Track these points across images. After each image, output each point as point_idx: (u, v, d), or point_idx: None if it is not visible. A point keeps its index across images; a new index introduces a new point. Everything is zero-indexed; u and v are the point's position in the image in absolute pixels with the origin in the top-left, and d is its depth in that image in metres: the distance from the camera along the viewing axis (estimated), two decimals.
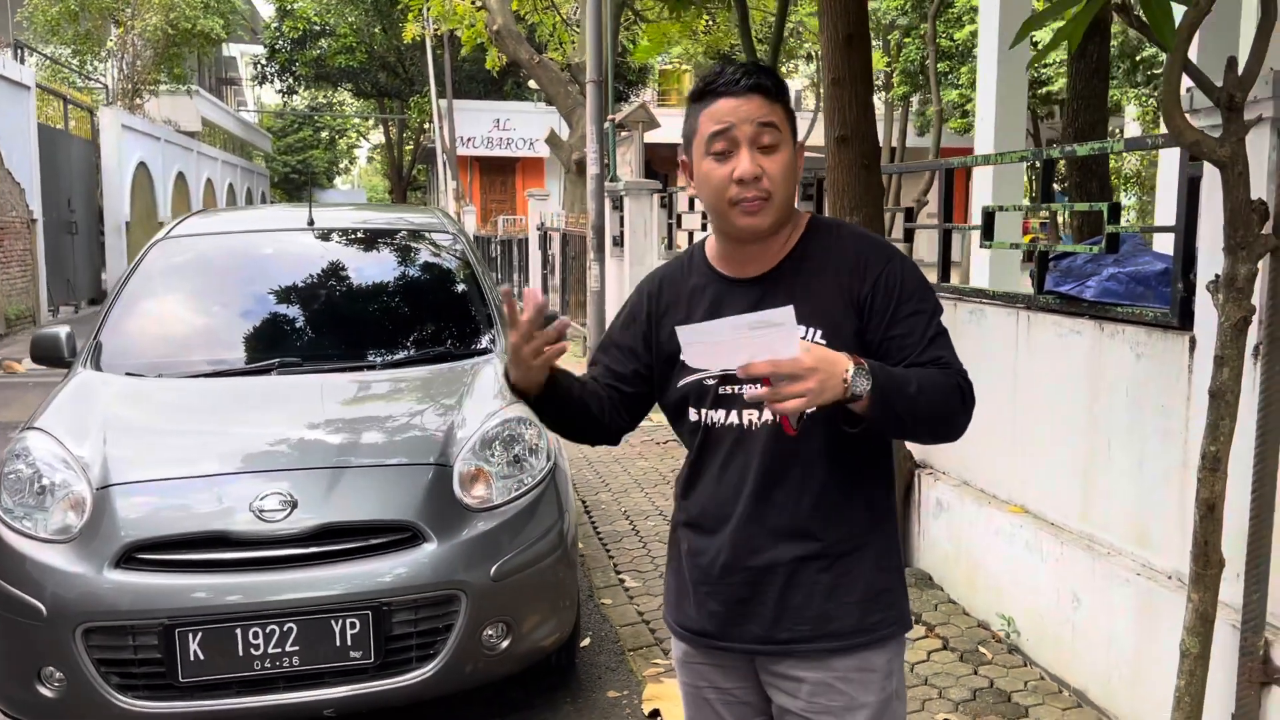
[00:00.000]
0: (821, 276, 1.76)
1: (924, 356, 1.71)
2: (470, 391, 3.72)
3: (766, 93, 1.70)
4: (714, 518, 1.82)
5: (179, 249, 4.42)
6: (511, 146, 27.91)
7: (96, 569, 2.98)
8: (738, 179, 1.68)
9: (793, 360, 1.51)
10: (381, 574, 3.07)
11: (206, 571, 3.01)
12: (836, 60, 4.32)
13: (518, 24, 14.17)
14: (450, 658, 3.14)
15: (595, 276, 9.11)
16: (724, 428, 1.79)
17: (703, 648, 1.90)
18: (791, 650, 1.79)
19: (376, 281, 4.45)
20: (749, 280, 1.80)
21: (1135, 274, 3.30)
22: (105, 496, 3.11)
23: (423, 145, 34.72)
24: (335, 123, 49.88)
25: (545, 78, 13.75)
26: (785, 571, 1.77)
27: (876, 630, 1.80)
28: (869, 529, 1.81)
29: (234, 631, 2.97)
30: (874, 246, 1.80)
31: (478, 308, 4.34)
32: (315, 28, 30.59)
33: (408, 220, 4.85)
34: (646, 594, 4.58)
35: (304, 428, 3.48)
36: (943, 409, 1.68)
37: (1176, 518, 3.08)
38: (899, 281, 1.75)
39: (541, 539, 3.37)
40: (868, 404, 1.58)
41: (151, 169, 23.64)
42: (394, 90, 33.49)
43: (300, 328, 4.14)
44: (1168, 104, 2.43)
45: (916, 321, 1.73)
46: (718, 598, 1.82)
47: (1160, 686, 3.08)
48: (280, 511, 3.07)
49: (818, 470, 1.75)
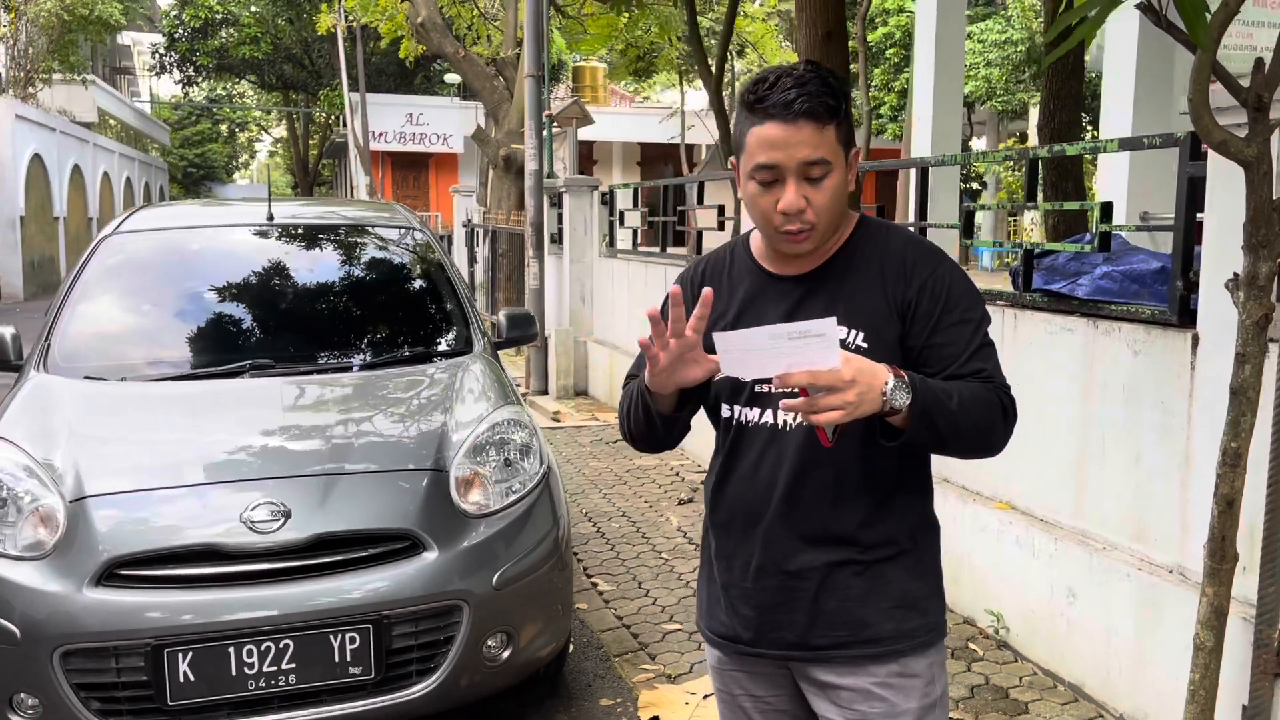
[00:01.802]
0: (866, 279, 1.72)
1: (966, 368, 1.67)
2: (457, 393, 3.59)
3: (819, 118, 1.62)
4: (744, 519, 1.78)
5: (131, 244, 4.17)
6: (425, 141, 27.45)
7: (75, 587, 2.78)
8: (782, 211, 1.63)
9: (832, 372, 1.47)
10: (381, 585, 2.94)
11: (196, 587, 2.84)
12: (816, 57, 4.30)
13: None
14: (451, 671, 3.02)
15: (534, 274, 8.98)
16: (757, 426, 1.75)
17: (736, 654, 1.85)
18: (828, 657, 1.75)
19: (345, 279, 4.27)
20: (791, 278, 1.76)
21: (1130, 272, 3.35)
22: (80, 510, 2.90)
23: (331, 140, 33.92)
24: (235, 115, 48.47)
25: (471, 72, 13.52)
26: (819, 576, 1.73)
27: (915, 636, 1.76)
28: (906, 536, 1.77)
29: (226, 650, 2.80)
30: (922, 250, 1.76)
31: (452, 305, 4.20)
32: (217, 16, 29.65)
33: (371, 216, 4.67)
34: (622, 598, 4.51)
35: (289, 433, 3.31)
36: (983, 425, 1.65)
37: (1177, 513, 3.13)
38: (945, 288, 1.70)
39: (540, 544, 3.27)
40: (906, 417, 1.55)
41: (46, 161, 22.60)
42: (300, 83, 32.67)
43: (269, 328, 3.94)
44: (1197, 103, 2.45)
45: (961, 331, 1.69)
46: (750, 602, 1.78)
47: (1163, 679, 3.13)
48: (273, 522, 2.91)
49: (853, 476, 1.71)
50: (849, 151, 1.69)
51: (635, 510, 5.74)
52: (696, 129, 20.42)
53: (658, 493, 6.10)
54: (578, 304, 9.19)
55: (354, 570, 2.94)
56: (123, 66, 43.42)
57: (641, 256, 8.34)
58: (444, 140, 27.46)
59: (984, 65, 19.11)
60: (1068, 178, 4.24)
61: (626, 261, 8.45)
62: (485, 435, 3.34)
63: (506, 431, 3.40)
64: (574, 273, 9.23)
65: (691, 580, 4.67)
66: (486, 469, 3.27)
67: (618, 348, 8.55)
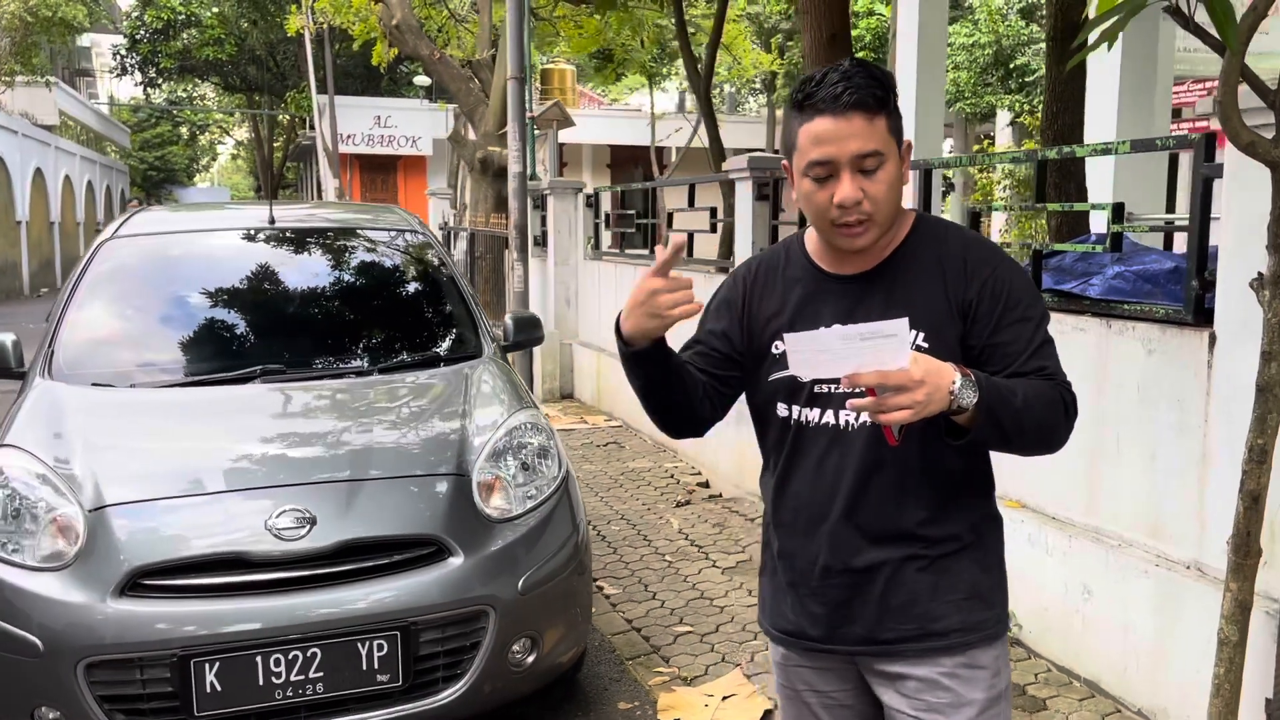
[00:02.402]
0: (925, 278, 1.73)
1: (1028, 366, 1.68)
2: (474, 397, 3.57)
3: (868, 109, 1.62)
4: (809, 519, 1.79)
5: (131, 249, 4.11)
6: (393, 144, 27.24)
7: (98, 598, 2.74)
8: (838, 204, 1.64)
9: (902, 372, 1.48)
10: (408, 591, 2.91)
11: (221, 596, 2.80)
12: (820, 59, 4.33)
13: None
14: (477, 677, 3.01)
15: (519, 277, 8.94)
16: (818, 427, 1.76)
17: (803, 650, 1.87)
18: (896, 650, 1.76)
19: (352, 283, 4.23)
20: (848, 278, 1.76)
21: (1143, 272, 3.39)
22: (101, 519, 2.85)
23: (297, 142, 33.61)
24: (197, 118, 47.85)
25: (446, 74, 13.44)
26: (886, 573, 1.74)
27: (982, 628, 1.78)
28: (970, 531, 1.79)
29: (254, 660, 2.77)
30: (982, 249, 1.77)
31: (460, 309, 4.17)
32: (180, 18, 29.27)
33: (374, 219, 4.63)
34: (629, 600, 4.50)
35: (309, 439, 3.28)
36: (1046, 422, 1.66)
37: (1194, 509, 3.17)
38: (1006, 286, 1.71)
39: (562, 548, 3.26)
40: (972, 416, 1.56)
41: (9, 165, 22.21)
42: (264, 85, 32.33)
43: (278, 333, 3.90)
44: (1225, 105, 2.48)
45: (1022, 329, 1.70)
46: (819, 600, 1.80)
47: (1182, 674, 3.17)
48: (298, 529, 2.87)
49: (917, 474, 1.73)
50: (900, 143, 1.69)
51: (634, 513, 5.73)
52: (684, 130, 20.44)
53: (654, 495, 6.09)
54: (563, 307, 9.16)
55: (380, 577, 2.92)
56: (83, 68, 42.76)
57: (627, 258, 8.34)
58: (413, 143, 27.28)
59: (951, 68, 19.29)
60: (1070, 179, 4.30)
61: (613, 264, 8.44)
62: (505, 439, 3.32)
63: (525, 435, 3.39)
64: (559, 275, 9.21)
65: (698, 582, 4.66)
66: (508, 473, 3.26)
67: (604, 350, 8.53)
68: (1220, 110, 2.51)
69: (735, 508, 5.74)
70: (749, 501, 5.81)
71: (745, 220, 5.94)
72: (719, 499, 5.98)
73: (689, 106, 29.68)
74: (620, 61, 17.34)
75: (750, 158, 5.85)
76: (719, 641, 4.05)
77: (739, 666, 3.82)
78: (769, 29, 24.20)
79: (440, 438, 3.34)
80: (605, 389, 8.41)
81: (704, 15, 17.93)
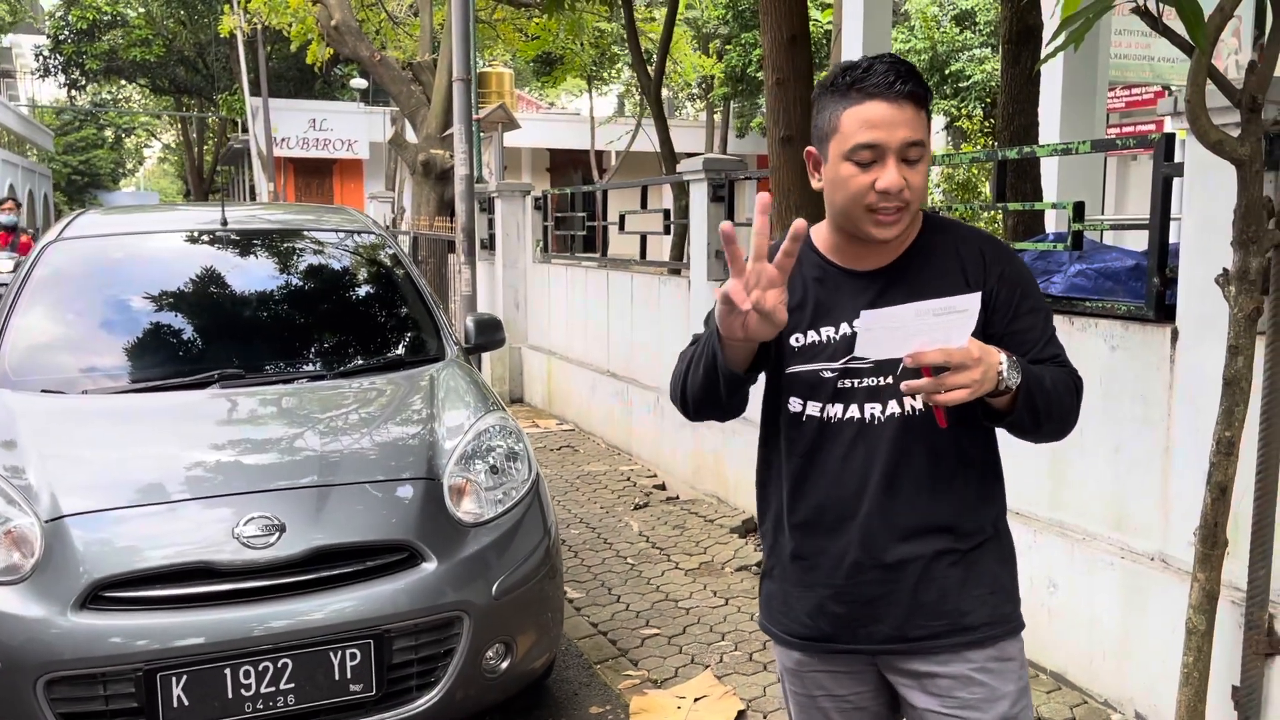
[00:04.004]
0: (944, 271, 1.74)
1: (1045, 353, 1.73)
2: (440, 400, 3.51)
3: (919, 100, 1.64)
4: (835, 516, 1.76)
5: (78, 251, 3.97)
6: (329, 147, 26.83)
7: (58, 612, 2.63)
8: (882, 190, 1.62)
9: (963, 350, 1.50)
10: (382, 598, 2.85)
11: (188, 608, 2.71)
12: (780, 61, 4.34)
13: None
14: (451, 685, 2.95)
15: (466, 281, 8.83)
16: (842, 422, 1.74)
17: (820, 653, 1.83)
18: (927, 648, 1.75)
19: (311, 285, 4.13)
20: (867, 273, 1.75)
21: (1104, 270, 3.45)
22: (58, 530, 2.74)
23: (228, 145, 32.95)
24: (122, 121, 46.71)
25: (387, 76, 13.27)
26: (919, 567, 1.73)
27: (1009, 621, 1.79)
28: (992, 522, 1.80)
29: (222, 672, 2.68)
30: (996, 244, 1.81)
31: (421, 311, 4.10)
32: (105, 18, 28.55)
33: (328, 220, 4.53)
34: (593, 605, 4.46)
35: (273, 444, 3.19)
36: (1066, 405, 1.71)
37: (1158, 502, 3.24)
38: (1021, 278, 1.76)
39: (534, 552, 3.21)
40: (1012, 398, 1.59)
41: None
42: (194, 87, 31.66)
43: (236, 337, 3.78)
44: (1194, 105, 2.53)
45: (1035, 318, 1.75)
46: (843, 599, 1.77)
47: (1148, 665, 3.23)
48: (267, 537, 2.79)
49: (946, 464, 1.73)
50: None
51: (593, 516, 5.69)
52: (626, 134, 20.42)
53: (612, 498, 6.06)
54: (511, 310, 9.09)
55: (352, 584, 2.85)
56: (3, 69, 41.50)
57: (577, 260, 8.30)
58: (349, 146, 26.90)
59: None
60: (1026, 179, 4.37)
61: (563, 266, 8.39)
62: (474, 442, 3.27)
63: (494, 438, 3.34)
64: (507, 278, 9.13)
65: (661, 585, 4.64)
66: (478, 477, 3.20)
67: (554, 353, 8.48)
68: (1189, 109, 2.56)
69: (694, 509, 5.73)
70: (706, 503, 5.81)
71: (700, 222, 5.94)
72: (676, 501, 5.97)
73: (628, 110, 29.73)
74: (564, 65, 17.30)
75: (705, 159, 5.85)
76: (687, 643, 4.03)
77: (709, 668, 3.81)
78: (708, 34, 24.35)
79: (409, 441, 3.27)
80: (556, 392, 8.36)
81: (644, 19, 17.97)
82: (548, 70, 22.34)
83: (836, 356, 1.72)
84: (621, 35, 22.42)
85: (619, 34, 21.78)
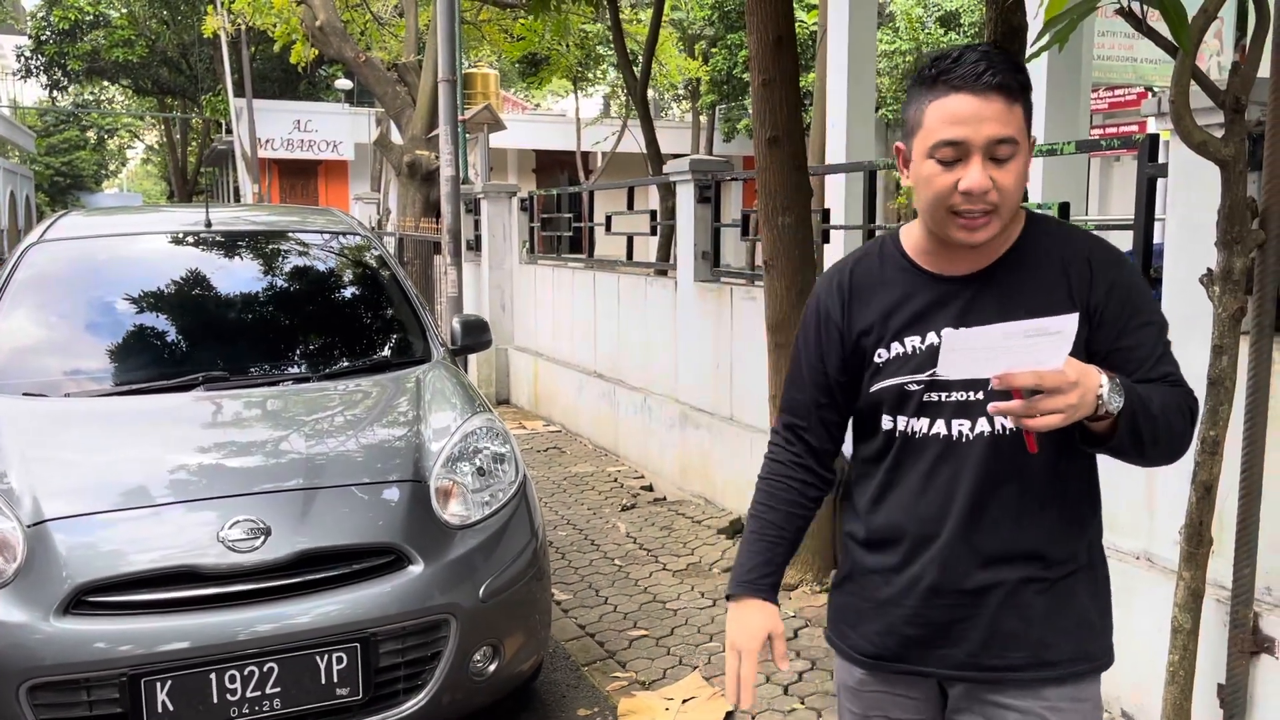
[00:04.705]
0: (1047, 278, 1.60)
1: (1155, 372, 1.58)
2: (427, 402, 3.50)
3: (1010, 93, 1.51)
4: (914, 537, 1.66)
5: (60, 253, 3.94)
6: (314, 149, 26.72)
7: (41, 617, 2.61)
8: (965, 191, 1.51)
9: (1058, 373, 1.39)
10: (368, 602, 2.83)
11: (172, 612, 2.69)
12: (766, 62, 4.33)
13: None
14: (438, 688, 2.94)
15: (452, 282, 8.82)
16: (927, 438, 1.64)
17: (885, 674, 1.74)
18: (1002, 679, 1.65)
19: (294, 287, 4.11)
20: (958, 278, 1.64)
21: None
22: (41, 534, 2.72)
23: (212, 146, 32.78)
24: (105, 122, 46.43)
25: (372, 77, 13.23)
26: (1001, 595, 1.63)
27: (1095, 659, 1.68)
28: (1084, 552, 1.69)
29: (208, 677, 2.66)
30: (1106, 249, 1.65)
31: (407, 313, 4.09)
32: (87, 18, 28.37)
33: (313, 222, 4.51)
34: (581, 606, 4.45)
35: (258, 447, 3.17)
36: (1176, 429, 1.57)
37: (1143, 501, 3.25)
38: (1133, 289, 1.61)
39: (521, 554, 3.20)
40: (1114, 423, 1.47)
41: None
42: (177, 88, 31.49)
43: (220, 339, 3.76)
44: (1178, 106, 2.54)
45: (1148, 334, 1.60)
46: (917, 621, 1.68)
47: (1134, 663, 3.23)
48: (252, 540, 2.77)
49: (1037, 489, 1.62)
50: (1029, 135, 1.58)
51: (580, 518, 5.68)
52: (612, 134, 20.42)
53: (599, 500, 6.05)
54: (498, 311, 9.07)
55: (338, 587, 2.84)
56: None
57: (564, 262, 8.29)
58: (334, 147, 26.80)
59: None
60: None
61: (550, 267, 8.38)
62: (461, 444, 3.26)
63: (481, 440, 3.33)
64: (493, 280, 9.11)
65: (649, 586, 4.64)
66: (465, 479, 3.19)
67: (540, 354, 8.47)
68: (1173, 110, 2.57)
69: (681, 510, 5.73)
70: (694, 504, 5.81)
71: (687, 223, 5.94)
72: (664, 502, 5.96)
73: (614, 111, 29.71)
74: (551, 66, 17.26)
75: (692, 160, 5.86)
76: (675, 645, 4.03)
77: (697, 669, 3.80)
78: (693, 35, 24.36)
79: (395, 443, 3.26)
80: (543, 394, 8.35)
81: (629, 21, 17.96)
82: (533, 71, 22.30)
83: (922, 368, 1.62)
84: (607, 36, 22.43)
85: (604, 35, 21.79)
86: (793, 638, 4.03)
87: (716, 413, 5.69)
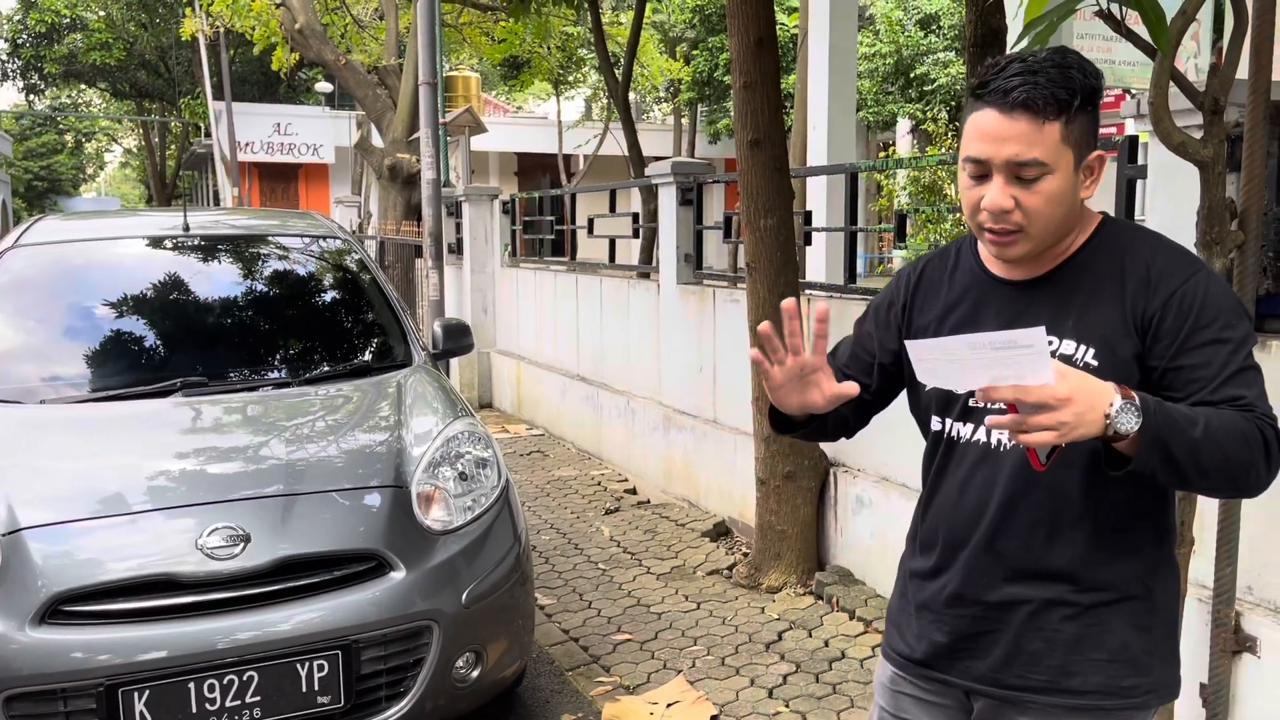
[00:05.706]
0: (1103, 288, 1.54)
1: (1219, 394, 1.44)
2: (408, 406, 3.47)
3: (1038, 112, 1.44)
4: (947, 542, 1.65)
5: (37, 258, 3.89)
6: (294, 152, 26.60)
7: (16, 627, 2.57)
8: (985, 209, 1.50)
9: (1044, 388, 1.32)
10: (350, 608, 2.81)
11: (150, 621, 2.66)
12: (748, 64, 4.33)
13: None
14: (421, 694, 2.91)
15: (434, 285, 8.78)
16: (968, 444, 1.61)
17: (915, 676, 1.73)
18: (1020, 700, 1.60)
19: (277, 291, 4.08)
20: (1017, 283, 1.60)
21: None
22: (16, 543, 2.68)
23: (191, 150, 32.59)
24: (82, 125, 46.09)
25: (352, 80, 13.17)
26: (1025, 613, 1.58)
27: (1128, 695, 1.57)
28: (1136, 581, 1.58)
29: (186, 686, 2.63)
30: (1173, 257, 1.54)
31: (388, 317, 4.06)
32: (64, 21, 28.16)
33: (293, 225, 4.48)
34: (565, 610, 4.44)
35: (237, 453, 3.14)
36: (1234, 458, 1.41)
37: None
38: (1197, 301, 1.48)
39: (504, 559, 3.18)
40: (1135, 445, 1.37)
41: None
42: (155, 91, 31.29)
43: (199, 344, 3.72)
44: (1157, 107, 2.55)
45: (1215, 351, 1.46)
46: (943, 628, 1.66)
47: None
48: (232, 547, 2.75)
49: (1073, 507, 1.55)
50: (1083, 153, 1.50)
51: (563, 522, 5.66)
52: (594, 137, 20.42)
53: (582, 503, 6.03)
54: (480, 315, 9.04)
55: (319, 594, 2.81)
56: None
57: (546, 264, 8.27)
58: (314, 150, 26.69)
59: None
60: None
61: (533, 270, 8.36)
62: (443, 449, 3.24)
63: (463, 445, 3.31)
64: (475, 283, 9.08)
65: (634, 590, 4.63)
66: (447, 484, 3.17)
67: (523, 358, 8.45)
68: (1152, 112, 2.58)
69: (665, 513, 5.72)
70: (678, 507, 5.80)
71: (669, 225, 5.93)
72: (647, 505, 5.95)
73: (596, 114, 29.70)
74: (532, 68, 17.23)
75: (674, 163, 5.85)
76: (659, 649, 4.02)
77: (681, 673, 3.79)
78: (674, 37, 24.38)
79: (376, 449, 3.23)
80: (525, 398, 8.33)
81: (610, 23, 17.95)
82: (514, 74, 22.28)
83: None
84: (588, 39, 22.41)
85: (586, 37, 21.77)
86: (777, 640, 4.03)
87: (700, 415, 5.69)
